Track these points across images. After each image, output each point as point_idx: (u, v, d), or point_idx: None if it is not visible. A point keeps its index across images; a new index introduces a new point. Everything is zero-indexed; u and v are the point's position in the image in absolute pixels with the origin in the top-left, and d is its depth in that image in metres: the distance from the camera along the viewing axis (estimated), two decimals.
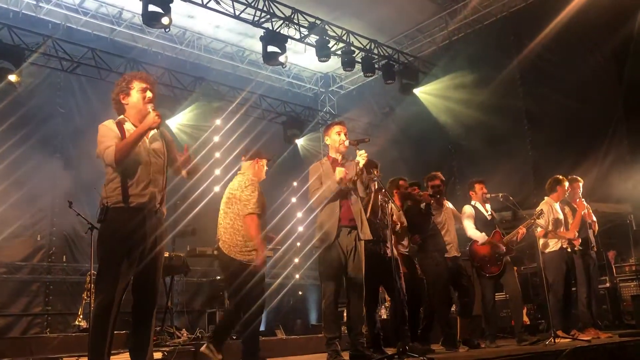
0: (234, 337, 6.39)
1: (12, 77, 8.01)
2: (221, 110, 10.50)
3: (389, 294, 5.83)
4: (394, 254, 4.62)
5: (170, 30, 8.82)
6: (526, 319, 7.64)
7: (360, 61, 10.24)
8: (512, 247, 6.06)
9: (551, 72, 9.51)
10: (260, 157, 4.86)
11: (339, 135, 4.60)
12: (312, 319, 11.54)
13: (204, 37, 11.47)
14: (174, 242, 7.64)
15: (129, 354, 3.23)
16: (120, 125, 3.30)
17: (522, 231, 6.00)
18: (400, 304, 4.93)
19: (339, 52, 9.99)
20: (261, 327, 5.26)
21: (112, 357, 3.15)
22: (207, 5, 8.54)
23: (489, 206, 6.30)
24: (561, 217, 6.40)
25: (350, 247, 4.40)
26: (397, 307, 4.96)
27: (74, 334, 6.43)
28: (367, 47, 10.29)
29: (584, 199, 6.54)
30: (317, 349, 6.17)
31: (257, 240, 4.47)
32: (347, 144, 4.56)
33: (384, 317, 7.78)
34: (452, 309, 6.38)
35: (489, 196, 6.23)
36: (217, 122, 10.43)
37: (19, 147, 8.60)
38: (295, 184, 10.27)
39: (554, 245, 6.29)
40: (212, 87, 10.58)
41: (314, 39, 9.60)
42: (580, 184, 6.58)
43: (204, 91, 10.32)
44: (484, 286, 6.08)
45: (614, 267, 8.21)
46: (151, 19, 7.61)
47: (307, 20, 9.48)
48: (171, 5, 7.60)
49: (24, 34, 8.51)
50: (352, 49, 10.02)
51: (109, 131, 3.24)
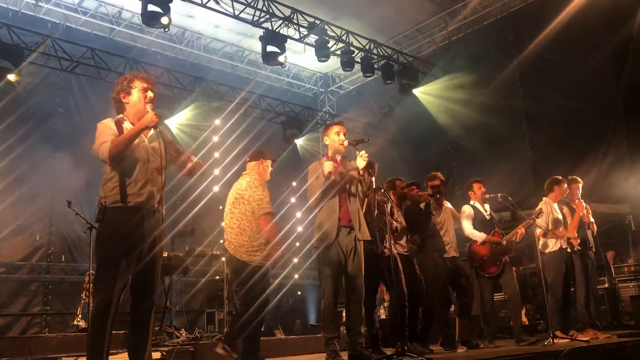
0: None
1: (11, 77, 8.00)
2: (220, 110, 10.49)
3: (388, 291, 5.82)
4: (392, 252, 4.61)
5: (169, 30, 8.80)
6: (525, 319, 7.65)
7: (359, 61, 10.24)
8: (511, 247, 6.06)
9: (551, 72, 9.51)
10: (265, 157, 4.89)
11: (338, 135, 4.59)
12: (311, 319, 11.54)
13: (204, 37, 11.47)
14: (173, 241, 7.64)
15: (127, 353, 3.23)
16: (119, 124, 3.30)
17: (521, 231, 6.00)
18: (400, 302, 4.93)
19: (339, 52, 9.98)
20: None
21: (110, 357, 3.15)
22: (207, 5, 8.53)
23: (488, 206, 6.29)
24: (560, 217, 6.40)
25: (349, 247, 4.40)
26: (397, 305, 4.95)
27: (72, 334, 6.42)
28: (367, 47, 10.29)
29: (583, 200, 6.54)
30: (316, 349, 6.16)
31: (273, 238, 4.52)
32: (346, 144, 4.56)
33: (383, 317, 7.78)
34: (451, 309, 6.38)
35: (488, 196, 6.23)
36: (217, 122, 10.43)
37: (18, 146, 8.61)
38: (294, 184, 10.26)
39: (554, 245, 6.30)
40: (211, 87, 10.57)
41: (313, 39, 9.59)
42: (580, 185, 6.58)
43: (203, 91, 10.31)
44: (482, 286, 6.08)
45: (612, 267, 8.22)
46: (150, 19, 7.60)
47: (306, 20, 9.47)
48: (170, 4, 7.59)
49: (23, 33, 8.50)
50: (352, 49, 10.01)
51: (106, 129, 3.25)
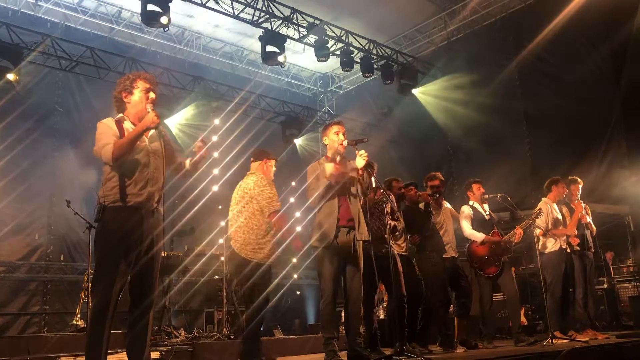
0: (232, 337, 6.39)
1: (11, 76, 7.99)
2: (220, 109, 10.50)
3: (387, 291, 5.82)
4: (391, 252, 4.61)
5: (169, 29, 8.80)
6: (524, 319, 7.65)
7: (359, 61, 10.25)
8: (510, 248, 6.07)
9: (550, 73, 9.52)
10: (269, 157, 4.96)
11: (338, 135, 4.58)
12: (310, 319, 11.52)
13: (203, 37, 11.46)
14: (173, 241, 7.64)
15: (126, 353, 3.22)
16: (119, 123, 3.29)
17: (519, 232, 6.00)
18: (399, 302, 4.93)
19: (338, 52, 9.98)
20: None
21: (109, 356, 3.15)
22: (206, 4, 8.53)
23: (487, 206, 6.29)
24: (560, 217, 6.41)
25: (348, 247, 4.39)
26: (396, 305, 4.94)
27: (71, 333, 6.43)
28: (366, 47, 10.29)
29: (582, 200, 6.54)
30: (315, 349, 6.16)
31: (283, 226, 4.63)
32: (345, 144, 4.55)
33: (382, 317, 7.77)
34: (450, 310, 6.38)
35: (487, 196, 6.22)
36: (216, 122, 10.42)
37: (17, 146, 8.62)
38: (293, 183, 10.25)
39: (553, 245, 6.30)
40: (210, 87, 10.58)
41: (312, 39, 9.59)
42: (579, 185, 6.59)
43: (202, 90, 10.31)
44: (481, 286, 6.08)
45: (611, 268, 8.24)
46: (150, 18, 7.61)
47: (306, 20, 9.47)
48: (170, 4, 7.60)
49: (23, 32, 8.50)
50: (351, 49, 10.02)
51: (107, 129, 3.24)
